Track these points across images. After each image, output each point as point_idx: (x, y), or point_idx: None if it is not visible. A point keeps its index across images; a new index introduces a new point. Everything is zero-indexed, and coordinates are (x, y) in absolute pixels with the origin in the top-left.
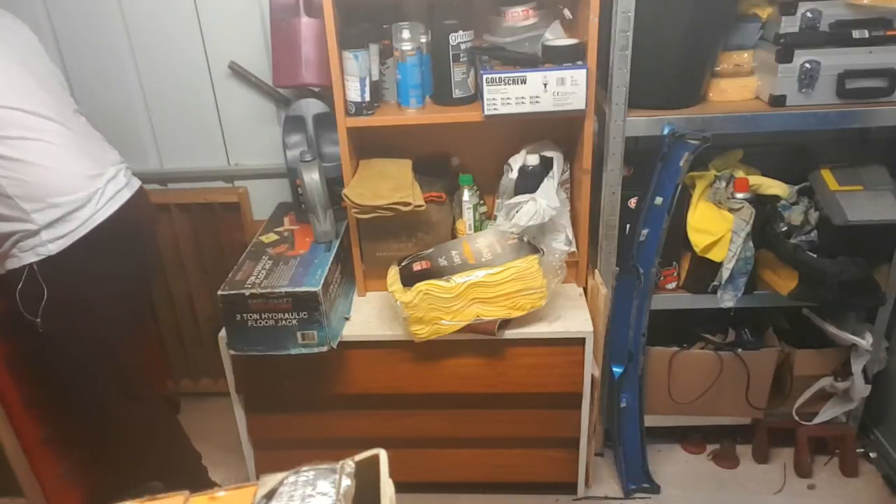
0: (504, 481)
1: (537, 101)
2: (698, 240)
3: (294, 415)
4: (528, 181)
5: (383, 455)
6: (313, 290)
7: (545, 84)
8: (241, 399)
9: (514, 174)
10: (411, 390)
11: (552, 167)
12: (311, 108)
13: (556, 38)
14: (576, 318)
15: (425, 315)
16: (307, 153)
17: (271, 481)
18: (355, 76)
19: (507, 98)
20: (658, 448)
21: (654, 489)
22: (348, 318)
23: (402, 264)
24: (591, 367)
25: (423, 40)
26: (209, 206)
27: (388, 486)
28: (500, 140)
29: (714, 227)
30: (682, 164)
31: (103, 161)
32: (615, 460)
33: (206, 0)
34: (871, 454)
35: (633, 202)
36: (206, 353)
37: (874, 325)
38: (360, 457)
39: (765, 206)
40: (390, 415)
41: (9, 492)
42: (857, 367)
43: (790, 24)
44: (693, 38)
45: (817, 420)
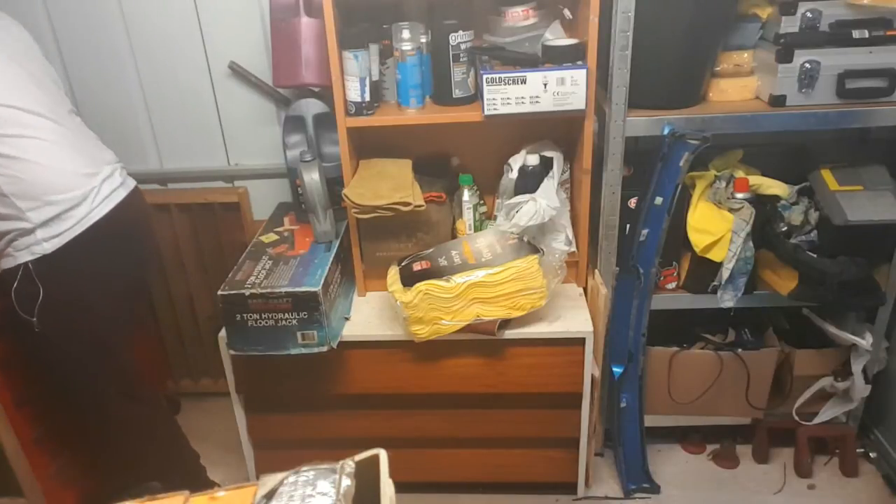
0: (504, 481)
1: (537, 101)
2: (698, 240)
3: (294, 415)
4: (528, 181)
5: (383, 455)
6: (313, 290)
7: (545, 84)
8: (241, 399)
9: (514, 174)
10: (411, 390)
11: (552, 167)
12: (311, 108)
13: (556, 38)
14: (576, 318)
15: (425, 315)
16: (307, 153)
17: (271, 481)
18: (355, 76)
19: (507, 98)
20: (658, 448)
21: (654, 489)
22: (348, 318)
23: (402, 264)
24: (591, 367)
25: (423, 40)
26: (209, 206)
27: (388, 486)
28: (500, 140)
29: (714, 227)
30: (682, 164)
31: (98, 160)
32: (615, 460)
33: (206, 0)
34: (871, 454)
35: (633, 202)
36: (206, 353)
37: (874, 325)
38: (360, 457)
39: (765, 206)
40: (390, 415)
41: (8, 492)
42: (857, 367)
43: (790, 24)
44: (693, 38)
45: (817, 420)
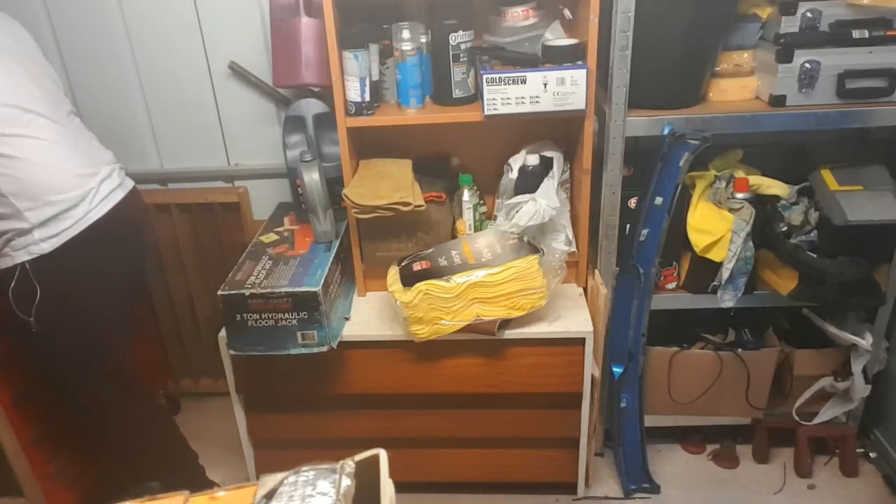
0: (504, 481)
1: (537, 101)
2: (698, 240)
3: (294, 415)
4: (528, 181)
5: (383, 455)
6: (313, 290)
7: (545, 84)
8: (241, 399)
9: (514, 174)
10: (411, 390)
11: (552, 167)
12: (311, 108)
13: (556, 38)
14: (576, 318)
15: (425, 315)
16: (307, 153)
17: (271, 481)
18: (355, 76)
19: (507, 98)
20: (658, 448)
21: (654, 489)
22: (348, 318)
23: (402, 264)
24: (591, 367)
25: (423, 40)
26: (209, 206)
27: (388, 486)
28: (500, 140)
29: (714, 227)
30: (682, 164)
31: (97, 160)
32: (615, 460)
33: (206, 0)
34: (871, 454)
35: (633, 202)
36: (206, 353)
37: (874, 325)
38: (360, 457)
39: (765, 206)
40: (390, 415)
41: (8, 492)
42: (857, 367)
43: (790, 24)
44: (693, 38)
45: (817, 420)
